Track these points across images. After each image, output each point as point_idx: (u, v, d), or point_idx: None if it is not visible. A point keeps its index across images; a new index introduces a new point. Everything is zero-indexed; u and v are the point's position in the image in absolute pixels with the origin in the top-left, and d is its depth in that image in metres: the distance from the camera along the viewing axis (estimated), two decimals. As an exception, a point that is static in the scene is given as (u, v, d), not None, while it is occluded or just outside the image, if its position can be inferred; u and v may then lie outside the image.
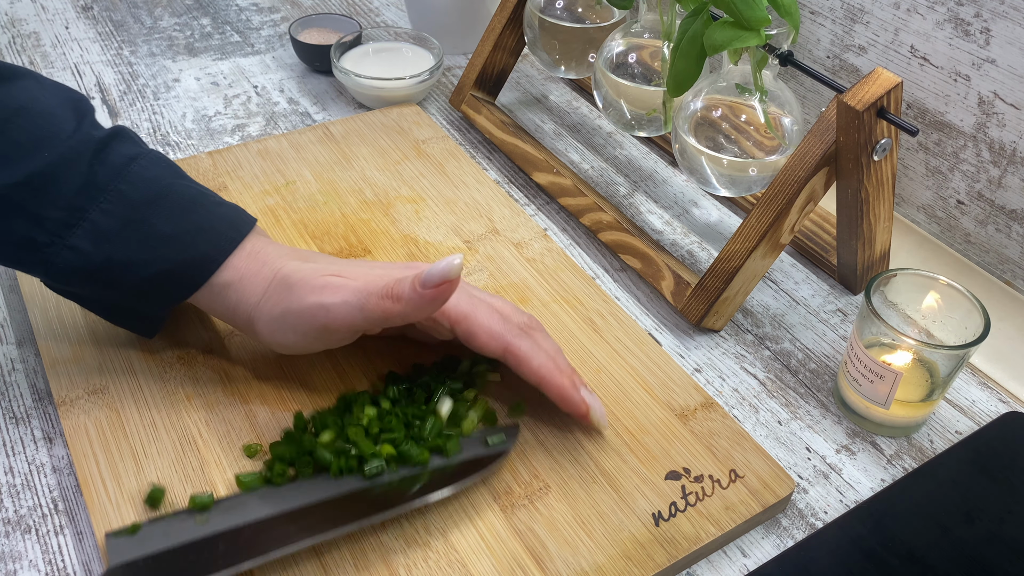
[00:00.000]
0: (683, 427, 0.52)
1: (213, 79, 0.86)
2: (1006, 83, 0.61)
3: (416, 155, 0.74)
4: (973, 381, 0.60)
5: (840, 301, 0.65)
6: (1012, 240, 0.64)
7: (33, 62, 0.87)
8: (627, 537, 0.46)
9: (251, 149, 0.73)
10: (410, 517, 0.47)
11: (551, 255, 0.65)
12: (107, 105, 0.81)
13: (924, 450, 0.55)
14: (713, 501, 0.48)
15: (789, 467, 0.53)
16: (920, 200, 0.70)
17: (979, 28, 0.61)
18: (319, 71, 0.88)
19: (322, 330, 0.49)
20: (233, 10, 0.99)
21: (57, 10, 0.96)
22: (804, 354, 0.61)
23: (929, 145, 0.68)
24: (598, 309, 0.60)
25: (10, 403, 0.54)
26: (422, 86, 0.81)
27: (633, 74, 0.67)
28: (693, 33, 0.57)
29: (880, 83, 0.52)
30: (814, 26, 0.73)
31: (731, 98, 0.60)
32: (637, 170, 0.77)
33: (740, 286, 0.59)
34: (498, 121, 0.77)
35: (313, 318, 0.48)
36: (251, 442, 0.50)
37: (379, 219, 0.67)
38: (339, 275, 0.49)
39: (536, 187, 0.74)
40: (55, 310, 0.57)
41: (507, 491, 0.48)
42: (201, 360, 0.55)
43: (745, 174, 0.60)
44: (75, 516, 0.48)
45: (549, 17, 0.73)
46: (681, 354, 0.60)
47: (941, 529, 0.48)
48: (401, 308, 0.47)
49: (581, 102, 0.86)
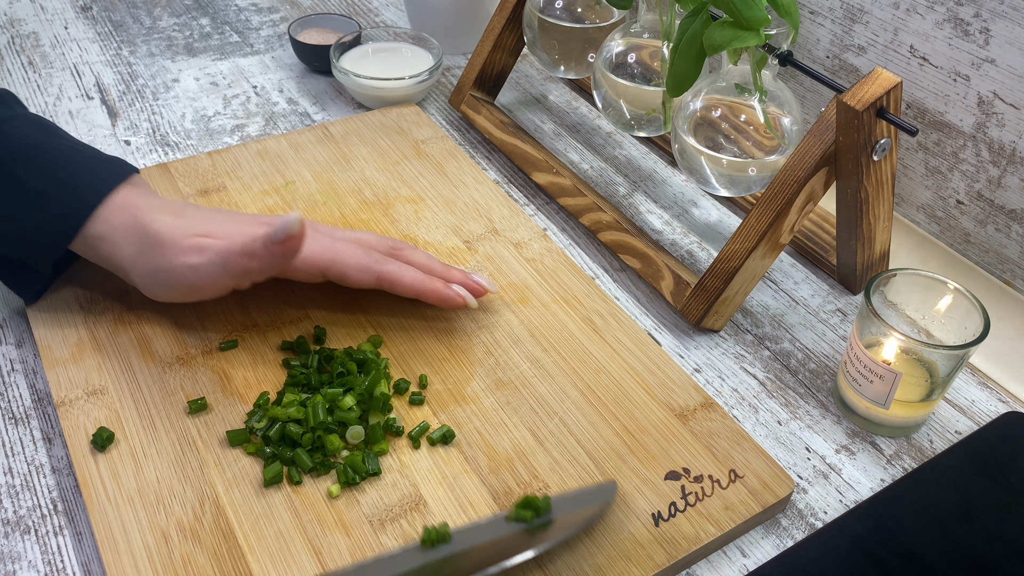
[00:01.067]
0: (683, 427, 0.52)
1: (212, 79, 0.86)
2: (1006, 83, 0.61)
3: (415, 155, 0.74)
4: (973, 381, 0.60)
5: (840, 301, 0.65)
6: (1012, 240, 0.64)
7: (32, 62, 0.87)
8: (627, 537, 0.46)
9: (250, 149, 0.73)
10: (409, 517, 0.47)
11: (551, 255, 0.65)
12: (106, 105, 0.81)
13: (924, 450, 0.55)
14: (713, 501, 0.48)
15: (789, 467, 0.53)
16: (920, 200, 0.70)
17: (979, 28, 0.61)
18: (318, 71, 0.88)
19: (192, 287, 0.53)
20: (232, 10, 0.99)
21: (56, 10, 0.96)
22: (804, 354, 0.61)
23: (929, 145, 0.68)
24: (598, 309, 0.60)
25: (9, 404, 0.54)
26: (421, 86, 0.81)
27: (632, 74, 0.67)
28: (692, 33, 0.57)
29: (880, 83, 0.52)
30: (813, 26, 0.73)
31: (730, 98, 0.60)
32: (637, 170, 0.77)
33: (740, 286, 0.59)
34: (497, 121, 0.77)
35: (182, 277, 0.52)
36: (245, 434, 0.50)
37: (379, 219, 0.67)
38: (205, 235, 0.53)
39: (535, 187, 0.74)
40: (55, 310, 0.57)
41: (507, 491, 0.48)
42: (201, 360, 0.55)
43: (744, 174, 0.60)
44: (74, 517, 0.48)
45: (548, 17, 0.73)
46: (681, 354, 0.60)
47: (941, 529, 0.48)
48: (258, 264, 0.51)
49: (581, 102, 0.86)
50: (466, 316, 0.59)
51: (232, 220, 0.55)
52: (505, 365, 0.56)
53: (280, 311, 0.58)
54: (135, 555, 0.44)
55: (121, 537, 0.45)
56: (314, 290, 0.60)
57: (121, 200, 0.53)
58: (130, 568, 0.44)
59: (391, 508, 0.47)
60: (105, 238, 0.53)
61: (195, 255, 0.52)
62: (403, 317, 0.58)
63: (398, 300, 0.59)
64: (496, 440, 0.51)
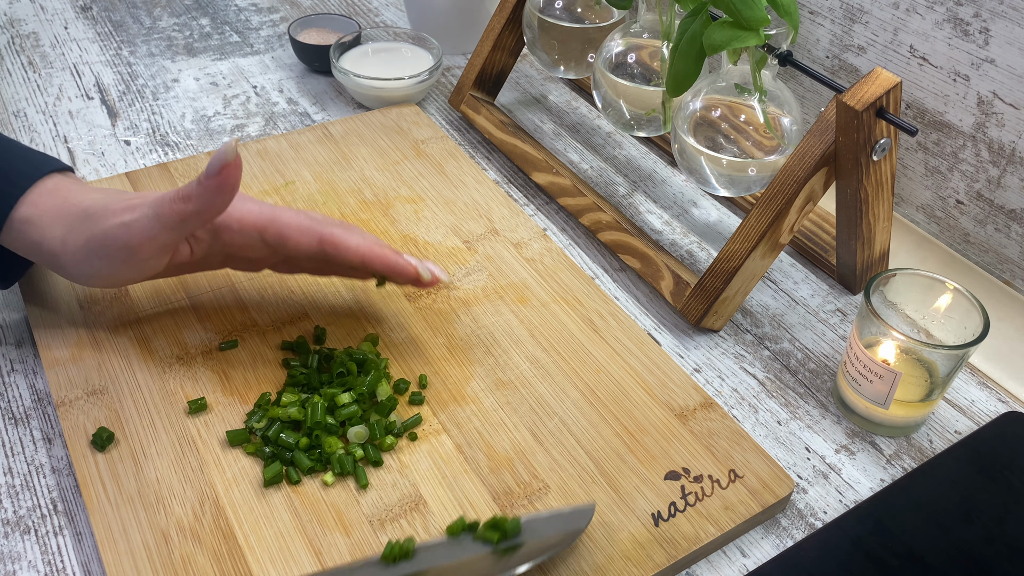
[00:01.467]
0: (682, 427, 0.52)
1: (212, 79, 0.86)
2: (1005, 83, 0.61)
3: (415, 155, 0.74)
4: (972, 381, 0.60)
5: (839, 301, 0.65)
6: (1011, 240, 0.64)
7: (32, 62, 0.87)
8: (626, 537, 0.46)
9: (250, 149, 0.73)
10: (409, 517, 0.47)
11: (550, 255, 0.65)
12: (106, 105, 0.81)
13: (923, 450, 0.55)
14: (712, 501, 0.48)
15: (788, 467, 0.53)
16: (919, 200, 0.70)
17: (978, 28, 0.61)
18: (318, 71, 0.88)
19: (125, 249, 0.50)
20: (232, 10, 0.99)
21: (56, 10, 0.96)
22: (803, 354, 0.61)
23: (928, 145, 0.68)
24: (597, 309, 0.60)
25: (9, 404, 0.54)
26: (421, 86, 0.81)
27: (632, 74, 0.67)
28: (692, 33, 0.57)
29: (879, 83, 0.52)
30: (813, 26, 0.73)
31: (730, 98, 0.60)
32: (636, 170, 0.77)
33: (739, 286, 0.59)
34: (497, 121, 0.77)
35: (115, 239, 0.49)
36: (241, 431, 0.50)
37: (378, 219, 0.67)
38: (138, 197, 0.51)
39: (535, 187, 0.74)
40: (55, 310, 0.57)
41: (506, 491, 0.48)
42: (201, 360, 0.55)
43: (744, 174, 0.60)
44: (74, 517, 0.48)
45: (548, 17, 0.73)
46: (680, 354, 0.60)
47: (940, 529, 0.48)
48: (194, 206, 0.48)
49: (580, 102, 0.86)
50: (466, 316, 0.59)
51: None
52: (505, 365, 0.56)
53: (280, 311, 0.58)
54: (135, 555, 0.44)
55: (121, 537, 0.45)
56: (314, 290, 0.60)
57: (53, 185, 0.52)
58: (130, 568, 0.44)
59: (391, 508, 0.47)
60: (32, 221, 0.51)
61: (127, 213, 0.49)
62: (403, 317, 0.58)
63: (398, 300, 0.59)
64: (496, 440, 0.51)
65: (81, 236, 0.50)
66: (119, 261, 0.50)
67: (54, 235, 0.51)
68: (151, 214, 0.49)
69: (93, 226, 0.50)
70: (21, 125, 0.78)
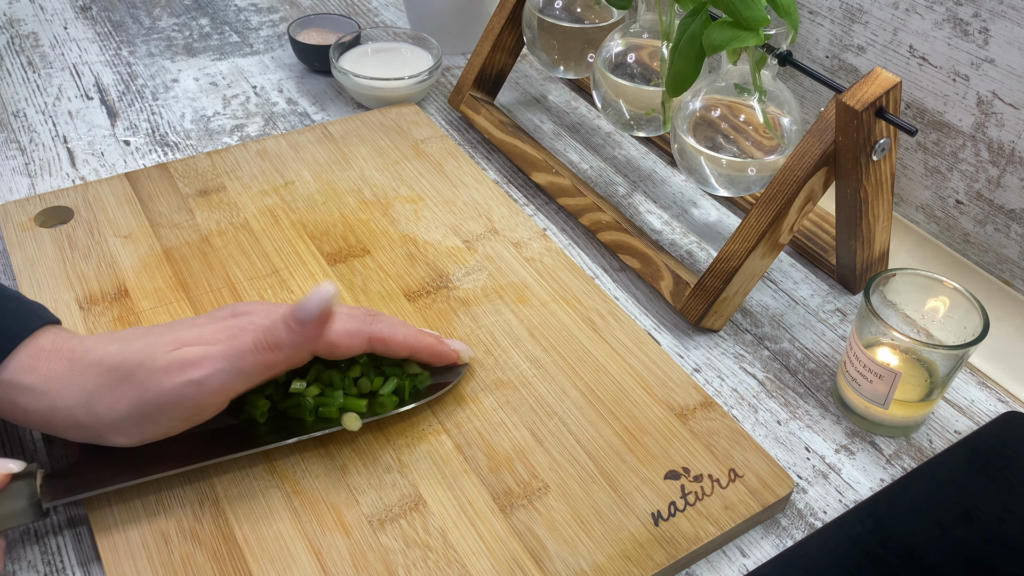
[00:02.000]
0: (682, 427, 0.52)
1: (212, 79, 0.86)
2: (1005, 83, 0.61)
3: (415, 155, 0.74)
4: (972, 381, 0.60)
5: (839, 301, 0.65)
6: (1011, 240, 0.64)
7: (32, 62, 0.87)
8: (626, 537, 0.46)
9: (250, 149, 0.73)
10: (409, 517, 0.47)
11: (550, 255, 0.65)
12: (106, 105, 0.81)
13: (923, 450, 0.55)
14: (712, 501, 0.48)
15: (788, 467, 0.53)
16: (919, 200, 0.70)
17: (978, 28, 0.61)
18: (318, 71, 0.88)
19: (195, 409, 0.44)
20: (232, 10, 0.99)
21: (56, 10, 0.96)
22: (803, 354, 0.61)
23: (928, 145, 0.68)
24: (597, 309, 0.60)
25: (9, 403, 0.54)
26: (421, 86, 0.81)
27: (632, 74, 0.67)
28: (692, 33, 0.57)
29: (879, 83, 0.53)
30: (813, 26, 0.73)
31: (730, 98, 0.60)
32: (636, 170, 0.77)
33: (739, 286, 0.59)
34: (497, 121, 0.77)
35: (182, 399, 0.43)
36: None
37: (378, 219, 0.67)
38: (184, 344, 0.44)
39: (535, 187, 0.74)
40: (55, 310, 0.57)
41: (506, 491, 0.48)
42: (200, 360, 0.55)
43: (744, 174, 0.61)
44: (74, 517, 0.48)
45: (548, 17, 0.73)
46: (680, 354, 0.60)
47: (940, 529, 0.48)
48: (284, 355, 0.44)
49: (580, 102, 0.86)
50: (465, 315, 0.59)
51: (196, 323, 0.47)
52: (505, 365, 0.56)
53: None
54: (135, 555, 0.44)
55: (121, 537, 0.45)
56: (314, 290, 0.60)
57: (49, 345, 0.45)
58: (130, 568, 0.44)
59: (391, 508, 0.47)
60: (36, 391, 0.44)
61: (191, 369, 0.43)
62: (403, 317, 0.58)
63: (398, 300, 0.59)
64: (496, 440, 0.51)
65: (122, 402, 0.43)
66: (182, 420, 0.44)
67: (72, 403, 0.44)
68: (229, 368, 0.43)
69: (140, 389, 0.43)
70: (21, 125, 0.78)
